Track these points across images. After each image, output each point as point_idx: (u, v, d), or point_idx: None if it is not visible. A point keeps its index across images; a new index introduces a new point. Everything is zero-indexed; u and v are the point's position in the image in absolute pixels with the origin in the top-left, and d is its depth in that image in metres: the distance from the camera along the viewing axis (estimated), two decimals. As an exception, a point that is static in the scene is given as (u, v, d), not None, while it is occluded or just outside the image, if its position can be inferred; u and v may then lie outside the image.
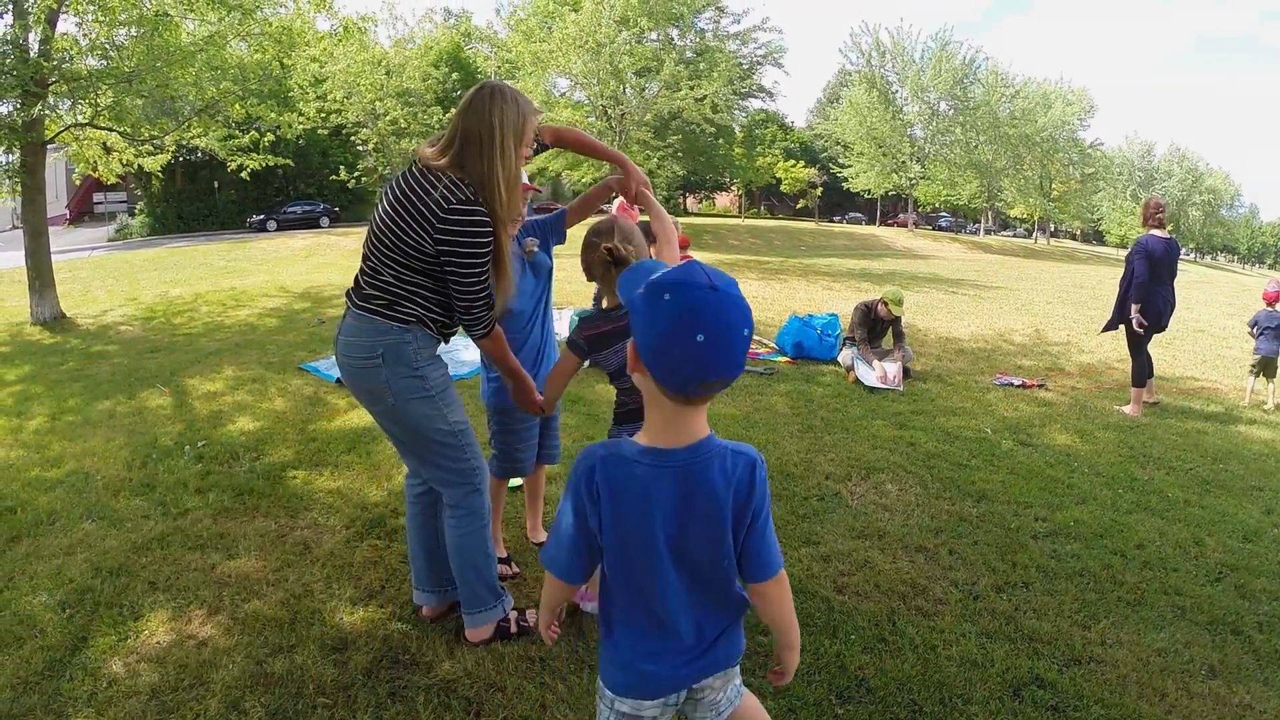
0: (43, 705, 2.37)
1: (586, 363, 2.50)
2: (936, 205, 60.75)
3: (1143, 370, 6.11)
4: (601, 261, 2.40)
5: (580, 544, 1.44)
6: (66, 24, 9.82)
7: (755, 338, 8.36)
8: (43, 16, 9.15)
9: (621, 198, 9.68)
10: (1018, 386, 6.64)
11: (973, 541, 3.54)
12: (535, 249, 2.97)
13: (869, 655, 2.65)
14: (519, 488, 4.03)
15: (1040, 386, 6.70)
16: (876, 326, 6.87)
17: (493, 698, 2.40)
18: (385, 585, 3.04)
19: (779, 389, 6.29)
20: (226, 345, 8.28)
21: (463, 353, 7.05)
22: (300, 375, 6.62)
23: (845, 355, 6.72)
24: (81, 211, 37.77)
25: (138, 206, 34.53)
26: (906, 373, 6.70)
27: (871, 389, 6.28)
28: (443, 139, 2.32)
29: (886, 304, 6.71)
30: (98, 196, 34.84)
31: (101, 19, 9.39)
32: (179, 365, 7.36)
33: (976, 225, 58.82)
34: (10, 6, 9.11)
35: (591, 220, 2.94)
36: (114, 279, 15.83)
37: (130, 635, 2.72)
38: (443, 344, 2.51)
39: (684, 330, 1.22)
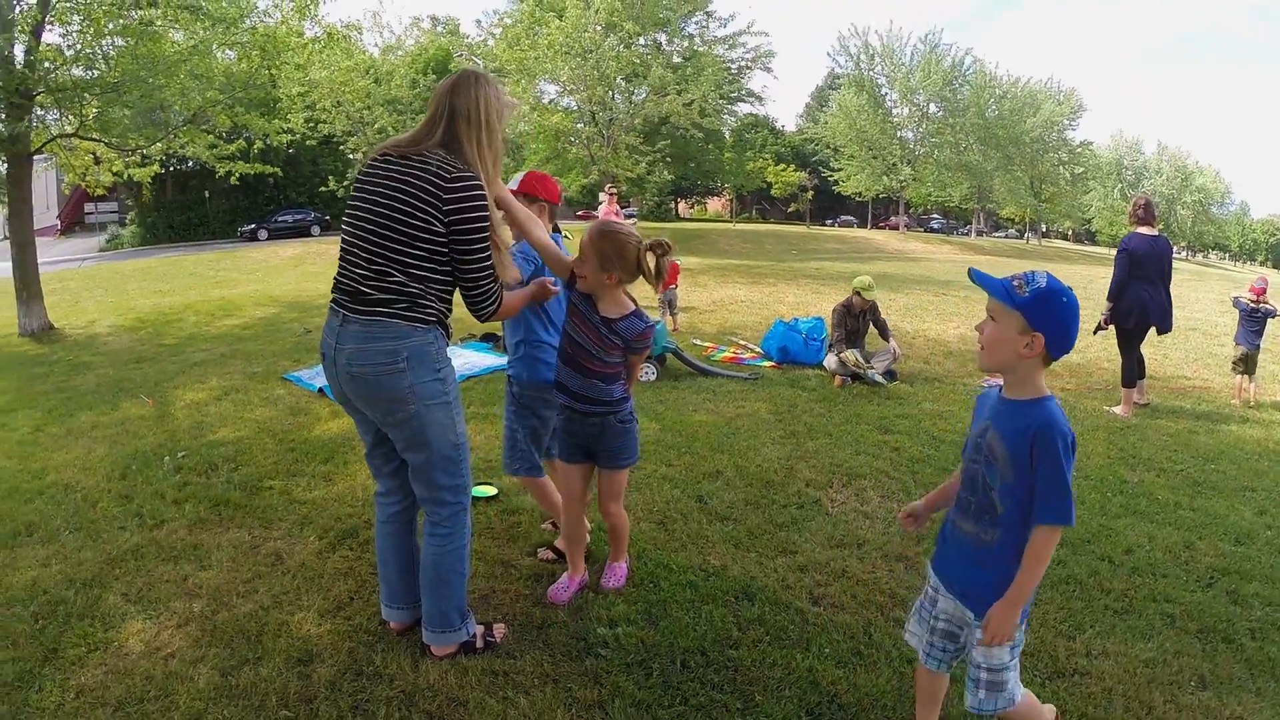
0: (11, 715, 2.37)
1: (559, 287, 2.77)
2: (928, 207, 60.92)
3: (1132, 371, 6.07)
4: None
5: None
6: (51, 34, 9.80)
7: (741, 342, 8.34)
8: (28, 28, 9.12)
9: (606, 202, 9.63)
10: (1006, 388, 6.59)
11: None
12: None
13: (843, 670, 2.58)
14: (493, 498, 3.99)
15: (1029, 388, 6.65)
16: (859, 323, 6.84)
17: (454, 712, 2.36)
18: (354, 597, 3.01)
19: (763, 394, 6.21)
20: (212, 355, 8.23)
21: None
22: (283, 385, 6.57)
23: (830, 360, 6.67)
24: (73, 222, 37.69)
25: (128, 217, 34.51)
26: (891, 375, 6.66)
27: (876, 383, 6.30)
28: (421, 126, 2.36)
29: (858, 294, 6.71)
30: (89, 207, 34.75)
31: (87, 28, 9.35)
32: (164, 376, 7.32)
33: (968, 227, 58.93)
34: None
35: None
36: (103, 290, 15.82)
37: (100, 647, 2.71)
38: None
39: (1077, 318, 1.77)
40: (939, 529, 2.07)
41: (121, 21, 9.21)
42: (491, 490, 4.05)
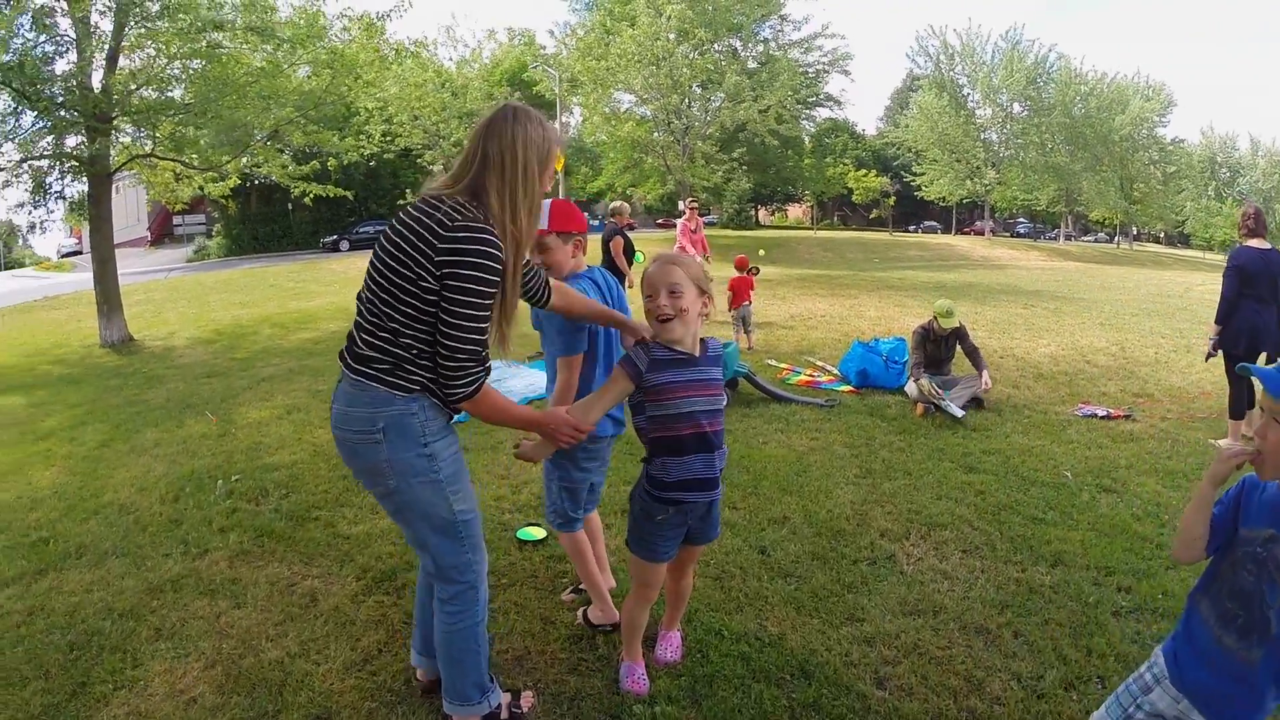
0: None
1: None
2: (1013, 211, 58.74)
3: (1242, 401, 5.45)
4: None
5: None
6: (125, 59, 10.20)
7: (818, 363, 7.95)
8: (100, 47, 9.48)
9: (687, 215, 9.33)
10: (1101, 418, 6.01)
11: (1043, 620, 3.01)
12: None
13: (906, 775, 2.25)
14: (541, 542, 3.76)
15: (1126, 417, 6.05)
16: (941, 347, 6.38)
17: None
18: (383, 649, 2.86)
19: (839, 424, 5.79)
20: (280, 371, 8.34)
21: (511, 380, 6.80)
22: (344, 404, 6.52)
23: (911, 387, 6.19)
24: (162, 234, 39.76)
25: (215, 228, 35.98)
26: (978, 401, 6.19)
27: (953, 417, 5.80)
28: (455, 168, 2.11)
29: (936, 318, 6.28)
30: (177, 219, 36.53)
31: (160, 53, 9.70)
32: (231, 392, 7.43)
33: (1055, 231, 56.54)
34: (73, 45, 9.48)
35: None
36: (186, 301, 16.37)
37: (126, 685, 2.69)
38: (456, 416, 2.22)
39: None
40: (1182, 616, 1.79)
41: (192, 45, 9.49)
42: (540, 533, 3.81)
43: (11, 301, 18.73)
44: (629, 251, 9.19)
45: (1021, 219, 61.90)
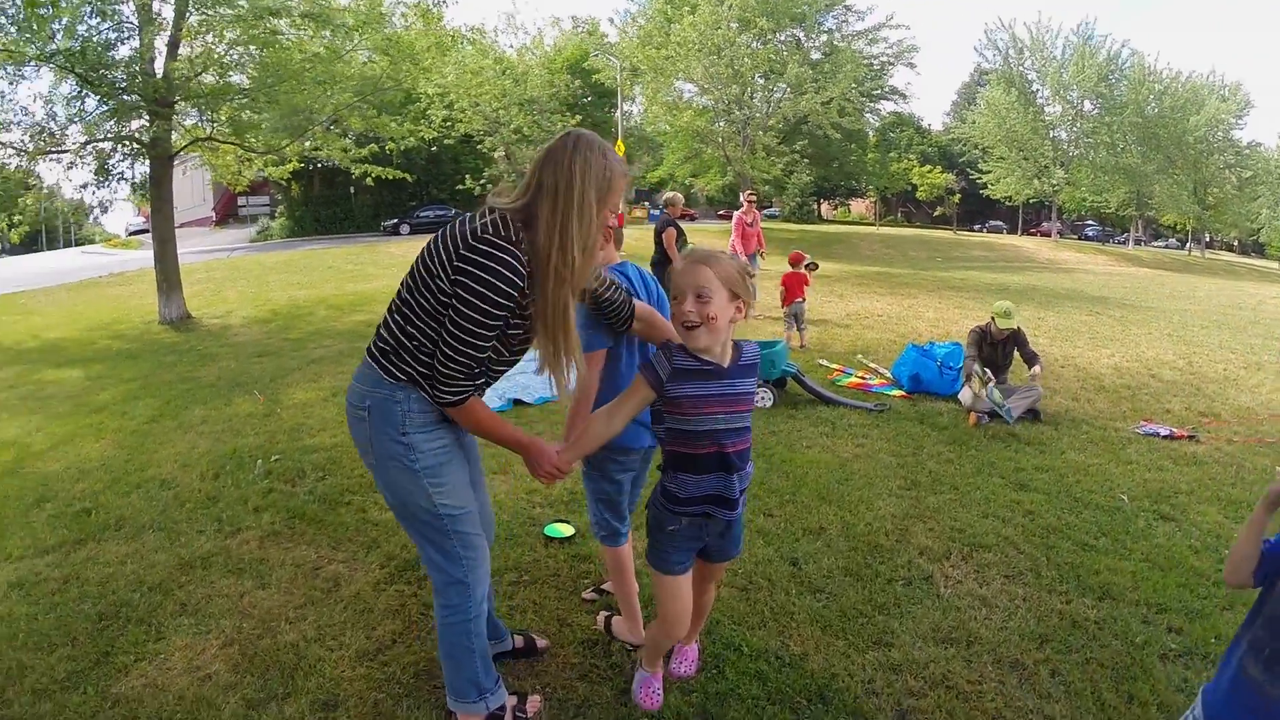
0: (51, 715, 2.46)
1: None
2: (1082, 213, 56.85)
3: None
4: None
5: None
6: (187, 45, 10.48)
7: (870, 365, 7.73)
8: (158, 33, 9.75)
9: (745, 207, 9.16)
10: (1164, 437, 5.70)
11: (1084, 659, 2.78)
12: None
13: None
14: (569, 539, 3.69)
15: (1190, 438, 5.72)
16: (998, 351, 6.14)
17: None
18: (397, 640, 2.84)
19: (887, 430, 5.58)
20: (330, 353, 8.44)
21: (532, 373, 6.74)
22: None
23: (965, 394, 5.98)
24: (227, 214, 40.99)
25: (278, 210, 36.80)
26: (1035, 415, 5.94)
27: (1002, 413, 5.59)
28: (518, 189, 2.07)
29: (994, 319, 6.09)
30: (241, 200, 37.63)
31: (219, 39, 9.95)
32: (281, 372, 7.54)
33: (1124, 235, 54.50)
34: (136, 32, 9.75)
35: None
36: (245, 281, 16.76)
37: (147, 657, 2.76)
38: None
39: None
40: (1224, 655, 1.71)
41: (250, 31, 9.69)
42: (568, 530, 3.74)
43: (79, 277, 19.39)
44: (681, 243, 9.11)
45: (1090, 221, 59.84)
